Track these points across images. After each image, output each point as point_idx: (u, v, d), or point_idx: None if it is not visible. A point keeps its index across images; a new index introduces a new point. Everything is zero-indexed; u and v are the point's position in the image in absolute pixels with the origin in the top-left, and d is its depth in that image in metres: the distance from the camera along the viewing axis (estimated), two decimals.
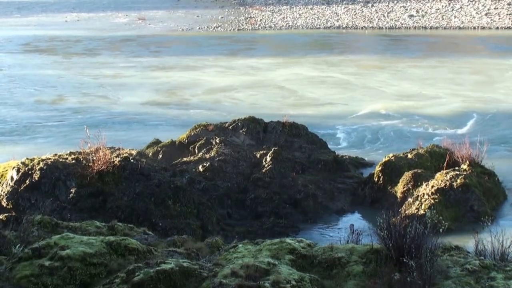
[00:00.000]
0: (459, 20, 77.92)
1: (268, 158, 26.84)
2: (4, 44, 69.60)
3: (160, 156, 27.73)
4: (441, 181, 24.22)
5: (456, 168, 25.58)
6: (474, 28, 74.48)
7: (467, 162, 25.91)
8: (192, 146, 28.30)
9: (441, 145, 28.63)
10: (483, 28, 74.07)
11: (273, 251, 12.91)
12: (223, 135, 29.15)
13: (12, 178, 22.85)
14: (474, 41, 67.31)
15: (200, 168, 25.72)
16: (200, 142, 28.19)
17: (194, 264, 12.42)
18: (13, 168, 23.19)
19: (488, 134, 32.75)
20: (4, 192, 22.68)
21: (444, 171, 25.24)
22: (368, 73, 51.84)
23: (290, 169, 27.04)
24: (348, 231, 16.37)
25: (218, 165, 26.06)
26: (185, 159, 27.31)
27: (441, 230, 13.46)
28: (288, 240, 13.52)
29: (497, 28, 73.48)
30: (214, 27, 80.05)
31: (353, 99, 42.66)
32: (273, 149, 27.48)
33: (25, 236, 14.14)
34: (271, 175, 26.03)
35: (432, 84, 46.67)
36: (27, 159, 23.59)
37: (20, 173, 22.77)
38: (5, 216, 20.83)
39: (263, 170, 26.41)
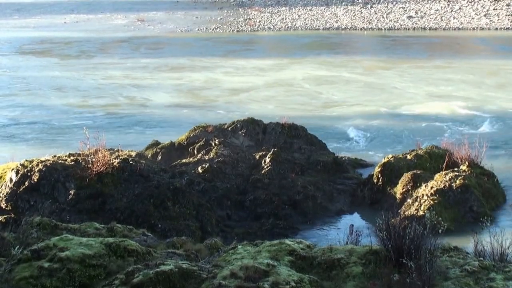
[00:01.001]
0: (458, 21, 77.93)
1: (267, 160, 26.80)
2: (5, 46, 69.25)
3: (159, 157, 27.70)
4: (440, 182, 24.16)
5: (456, 169, 25.53)
6: (473, 29, 74.44)
7: (466, 163, 25.82)
8: (192, 147, 28.19)
9: (440, 146, 28.47)
10: (482, 29, 74.09)
11: (273, 252, 12.91)
12: (222, 136, 29.08)
13: (11, 179, 22.78)
14: (476, 42, 67.42)
15: (199, 170, 25.64)
16: (199, 144, 28.13)
17: (193, 266, 12.37)
18: (12, 169, 23.10)
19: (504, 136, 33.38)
20: (3, 194, 22.63)
21: (444, 172, 25.17)
22: (377, 74, 51.56)
23: (290, 170, 26.95)
24: (348, 232, 16.21)
25: (217, 167, 25.97)
26: (184, 160, 27.29)
27: (440, 231, 13.30)
28: (287, 241, 13.51)
29: (496, 29, 73.52)
30: (213, 28, 79.97)
31: (368, 100, 42.35)
32: (272, 150, 27.48)
33: (24, 237, 14.11)
34: (270, 176, 25.94)
35: (442, 85, 46.23)
36: (26, 160, 23.53)
37: (19, 175, 22.72)
38: (4, 217, 20.78)
39: (262, 172, 26.32)
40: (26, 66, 57.07)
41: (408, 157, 27.48)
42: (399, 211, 23.04)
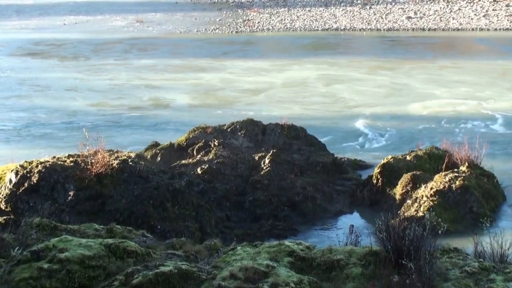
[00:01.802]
0: (457, 21, 77.70)
1: (267, 161, 26.75)
2: (5, 47, 69.17)
3: (159, 158, 27.61)
4: (440, 183, 23.95)
5: (455, 170, 25.33)
6: (473, 29, 74.02)
7: (466, 163, 25.58)
8: (191, 148, 28.15)
9: (440, 147, 28.20)
10: (481, 29, 73.70)
11: (272, 253, 12.90)
12: (222, 137, 28.98)
13: (10, 181, 22.74)
14: (477, 42, 67.05)
15: (199, 171, 25.61)
16: (198, 145, 28.07)
17: (193, 267, 12.39)
18: (12, 171, 23.07)
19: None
20: (2, 195, 22.58)
21: (443, 173, 24.96)
22: (383, 74, 51.15)
23: (289, 171, 26.84)
24: (347, 232, 16.25)
25: (217, 168, 25.96)
26: (183, 161, 27.21)
27: (440, 232, 13.38)
28: (286, 242, 13.54)
29: (496, 29, 73.12)
30: (212, 30, 79.86)
31: (379, 100, 42.03)
32: (271, 152, 27.42)
33: (24, 238, 14.12)
34: (270, 178, 25.88)
35: (454, 86, 45.76)
36: (26, 162, 23.48)
37: (18, 176, 22.69)
38: (4, 219, 20.80)
39: (262, 173, 26.25)
40: (28, 68, 56.63)
41: (408, 158, 27.22)
42: (398, 212, 23.06)
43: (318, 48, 67.28)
